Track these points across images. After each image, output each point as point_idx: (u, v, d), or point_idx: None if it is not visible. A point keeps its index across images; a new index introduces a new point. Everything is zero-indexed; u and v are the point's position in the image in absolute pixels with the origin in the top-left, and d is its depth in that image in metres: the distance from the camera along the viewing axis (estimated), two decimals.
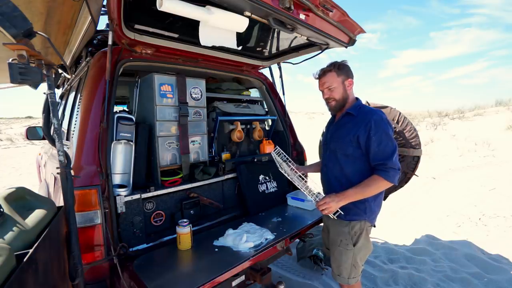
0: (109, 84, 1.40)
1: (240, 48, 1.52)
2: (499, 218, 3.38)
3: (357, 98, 1.45)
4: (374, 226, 1.43)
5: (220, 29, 1.32)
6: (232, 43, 1.42)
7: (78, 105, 1.51)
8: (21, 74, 0.70)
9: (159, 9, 1.08)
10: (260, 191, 2.07)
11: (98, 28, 1.51)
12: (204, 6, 1.21)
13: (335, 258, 1.42)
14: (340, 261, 1.39)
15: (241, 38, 1.73)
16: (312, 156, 2.53)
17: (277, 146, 1.63)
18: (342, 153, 1.38)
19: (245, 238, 1.46)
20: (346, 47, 1.78)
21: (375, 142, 1.27)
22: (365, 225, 1.37)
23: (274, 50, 2.15)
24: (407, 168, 2.07)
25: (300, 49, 2.01)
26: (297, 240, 2.24)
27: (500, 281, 2.18)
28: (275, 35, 1.85)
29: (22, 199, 0.79)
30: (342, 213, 1.32)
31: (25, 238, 0.68)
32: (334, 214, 1.32)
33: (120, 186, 1.45)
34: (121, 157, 1.47)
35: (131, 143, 1.49)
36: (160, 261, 1.32)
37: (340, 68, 1.38)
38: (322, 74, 1.40)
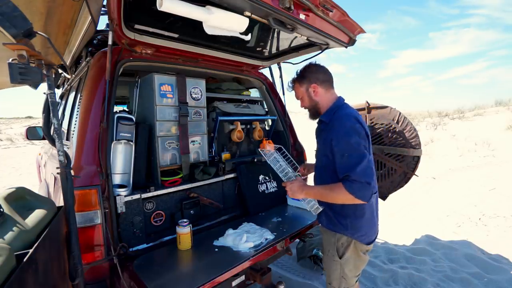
0: (109, 84, 1.40)
1: (248, 36, 1.44)
2: (499, 218, 3.38)
3: (338, 98, 1.32)
4: (368, 244, 1.27)
5: (221, 29, 1.31)
6: (240, 27, 1.33)
7: (78, 105, 1.51)
8: (21, 74, 0.70)
9: (159, 9, 1.08)
10: (260, 191, 2.07)
11: (98, 28, 1.51)
12: (204, 6, 1.21)
13: (325, 265, 1.36)
14: (329, 270, 1.33)
15: (241, 38, 1.72)
16: (312, 156, 2.53)
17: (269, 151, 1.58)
18: (319, 164, 1.32)
19: (245, 238, 1.46)
20: (346, 47, 1.78)
21: (337, 153, 1.15)
22: (353, 241, 1.25)
23: (274, 50, 2.15)
24: (407, 168, 2.08)
25: (300, 49, 2.01)
26: (297, 240, 2.24)
27: (500, 281, 2.18)
28: (275, 35, 1.85)
29: (22, 199, 0.79)
30: (321, 208, 1.30)
31: (25, 238, 0.68)
32: (313, 209, 1.32)
33: (120, 186, 1.45)
34: (121, 157, 1.47)
35: (131, 143, 1.49)
36: (160, 261, 1.32)
37: (302, 76, 1.32)
38: (292, 87, 1.39)
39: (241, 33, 1.39)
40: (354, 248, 1.26)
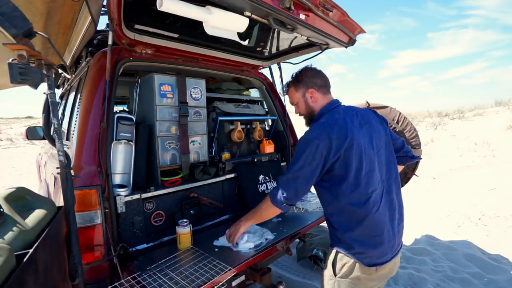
0: (109, 84, 1.40)
1: (245, 42, 1.48)
2: (499, 218, 3.38)
3: (329, 103, 1.24)
4: (371, 267, 1.10)
5: (221, 29, 1.32)
6: (234, 35, 1.39)
7: (78, 105, 1.51)
8: (21, 74, 0.70)
9: (159, 9, 1.08)
10: (260, 191, 2.07)
11: (98, 28, 1.51)
12: (204, 6, 1.21)
13: (321, 281, 1.26)
14: (321, 285, 1.25)
15: (241, 38, 1.72)
16: None
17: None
18: None
19: (246, 238, 1.46)
20: (346, 47, 1.78)
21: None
22: (353, 260, 1.11)
23: (274, 50, 2.15)
24: (407, 168, 2.08)
25: (300, 49, 2.01)
26: (297, 240, 2.24)
27: (500, 281, 2.18)
28: (275, 35, 1.85)
29: (22, 199, 0.79)
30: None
31: (25, 238, 0.68)
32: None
33: (120, 186, 1.45)
34: (121, 157, 1.47)
35: (131, 143, 1.49)
36: (160, 261, 1.32)
37: (299, 81, 1.26)
38: (286, 92, 1.34)
39: (239, 37, 1.40)
40: (354, 268, 1.11)
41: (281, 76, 2.35)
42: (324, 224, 1.67)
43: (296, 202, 1.15)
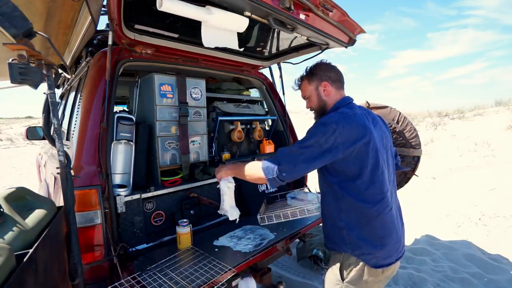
0: (109, 84, 1.40)
1: (242, 49, 1.50)
2: (499, 218, 3.38)
3: (343, 98, 1.23)
4: (377, 268, 1.09)
5: (221, 29, 1.32)
6: (234, 44, 1.41)
7: (78, 105, 1.51)
8: (21, 74, 0.70)
9: (159, 9, 1.08)
10: (260, 191, 2.07)
11: (98, 28, 1.51)
12: (204, 6, 1.21)
13: (323, 284, 1.25)
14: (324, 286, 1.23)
15: (241, 38, 1.73)
16: None
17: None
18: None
19: (232, 185, 1.41)
20: (346, 47, 1.78)
21: None
22: (361, 262, 1.10)
23: (274, 50, 2.15)
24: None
25: (300, 49, 2.01)
26: (297, 240, 2.24)
27: (500, 281, 2.18)
28: (275, 35, 1.85)
29: (22, 199, 0.79)
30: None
31: (25, 238, 0.68)
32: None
33: (120, 186, 1.45)
34: (121, 157, 1.47)
35: (131, 143, 1.49)
36: (160, 261, 1.32)
37: (313, 74, 1.24)
38: (298, 86, 1.32)
39: (239, 42, 1.41)
40: (363, 272, 1.10)
41: (281, 76, 2.35)
42: None
43: (288, 180, 1.09)
